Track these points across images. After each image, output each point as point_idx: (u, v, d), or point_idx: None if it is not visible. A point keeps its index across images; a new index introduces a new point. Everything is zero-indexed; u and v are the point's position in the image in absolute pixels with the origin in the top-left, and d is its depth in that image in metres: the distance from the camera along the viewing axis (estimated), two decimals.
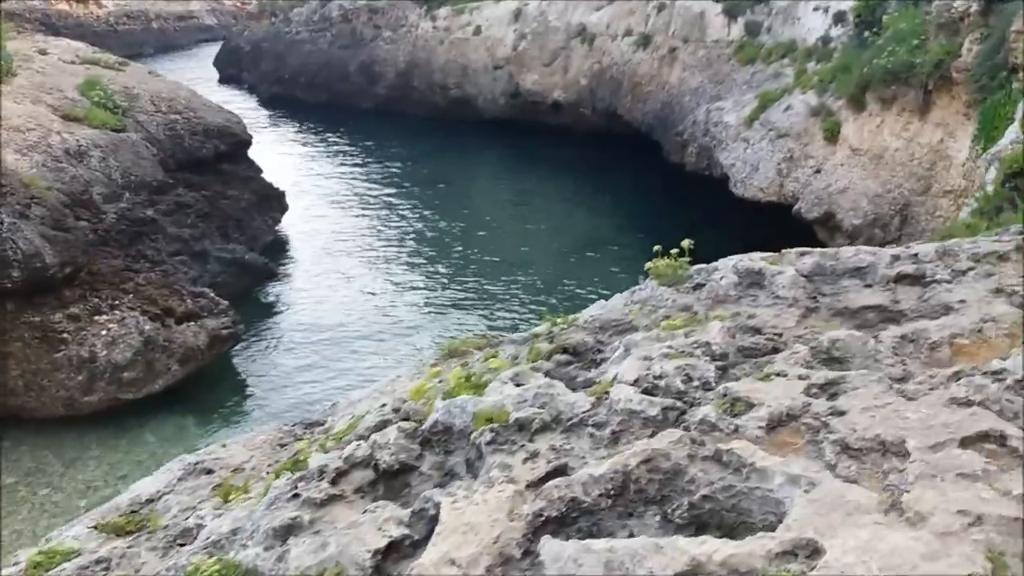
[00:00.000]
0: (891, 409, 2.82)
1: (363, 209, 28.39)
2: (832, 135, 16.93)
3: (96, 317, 15.19)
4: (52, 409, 14.71)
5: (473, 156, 34.52)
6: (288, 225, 26.11)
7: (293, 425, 4.22)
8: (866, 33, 16.73)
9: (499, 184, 31.33)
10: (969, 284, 4.57)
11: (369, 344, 18.47)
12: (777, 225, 18.87)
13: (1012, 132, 9.19)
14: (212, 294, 17.22)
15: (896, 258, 4.95)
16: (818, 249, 5.16)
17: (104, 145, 19.42)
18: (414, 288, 21.69)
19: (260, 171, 25.59)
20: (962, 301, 4.39)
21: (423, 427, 3.15)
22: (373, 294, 21.18)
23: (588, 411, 2.99)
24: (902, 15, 15.50)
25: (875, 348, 3.64)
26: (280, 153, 35.23)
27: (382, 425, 3.53)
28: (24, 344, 14.48)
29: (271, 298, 20.99)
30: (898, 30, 15.07)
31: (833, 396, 3.04)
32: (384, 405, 3.81)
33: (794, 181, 17.61)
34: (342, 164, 34.17)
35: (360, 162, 34.35)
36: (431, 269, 22.82)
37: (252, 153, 33.80)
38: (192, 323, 16.31)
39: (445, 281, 21.91)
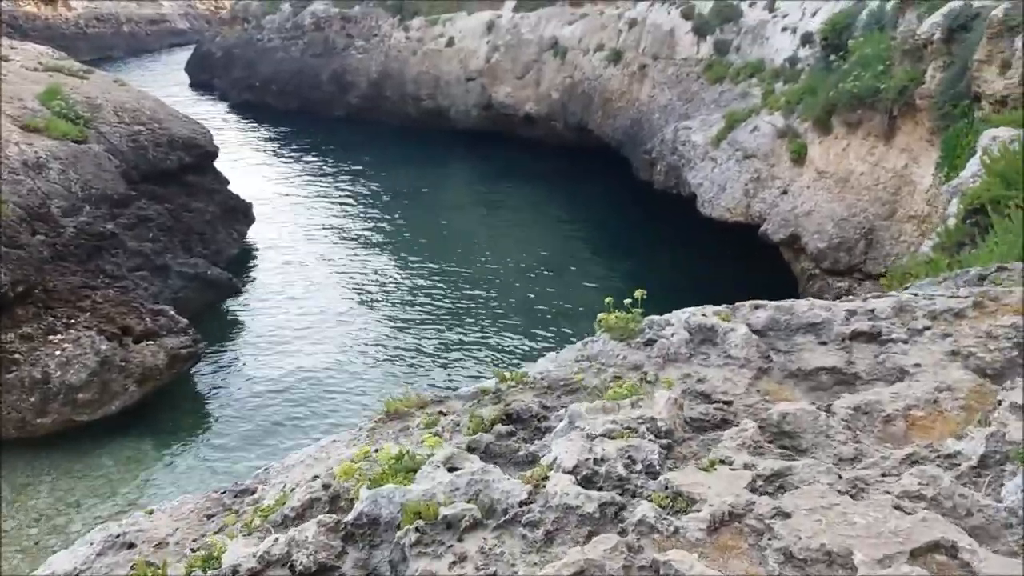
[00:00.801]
0: (838, 512, 2.69)
1: (332, 220, 28.11)
2: (799, 157, 16.98)
3: (50, 337, 14.80)
4: (4, 432, 14.26)
5: (445, 167, 34.35)
6: (256, 236, 25.78)
7: (223, 492, 4.01)
8: (832, 57, 16.82)
9: (470, 196, 31.18)
10: (925, 346, 4.47)
11: (333, 361, 18.23)
12: (745, 244, 18.92)
13: (973, 165, 9.19)
14: (172, 312, 16.86)
15: (852, 313, 4.84)
16: (772, 303, 5.05)
17: (64, 157, 19.01)
18: (381, 303, 21.46)
19: (227, 183, 25.23)
20: (917, 365, 4.29)
21: (347, 518, 2.97)
22: (340, 310, 20.94)
23: (523, 504, 2.83)
24: (868, 40, 15.59)
25: (827, 424, 3.52)
26: (250, 162, 34.86)
27: (309, 504, 3.34)
28: None
29: (235, 313, 20.66)
30: (863, 55, 15.14)
31: (780, 489, 2.90)
32: (316, 478, 3.62)
33: (761, 202, 17.63)
34: (312, 174, 33.84)
35: (331, 172, 34.04)
36: (400, 285, 22.60)
37: (221, 162, 33.38)
38: (151, 342, 15.96)
39: (413, 298, 21.70)
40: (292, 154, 37.25)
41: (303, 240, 26.13)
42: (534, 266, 23.33)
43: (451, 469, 3.05)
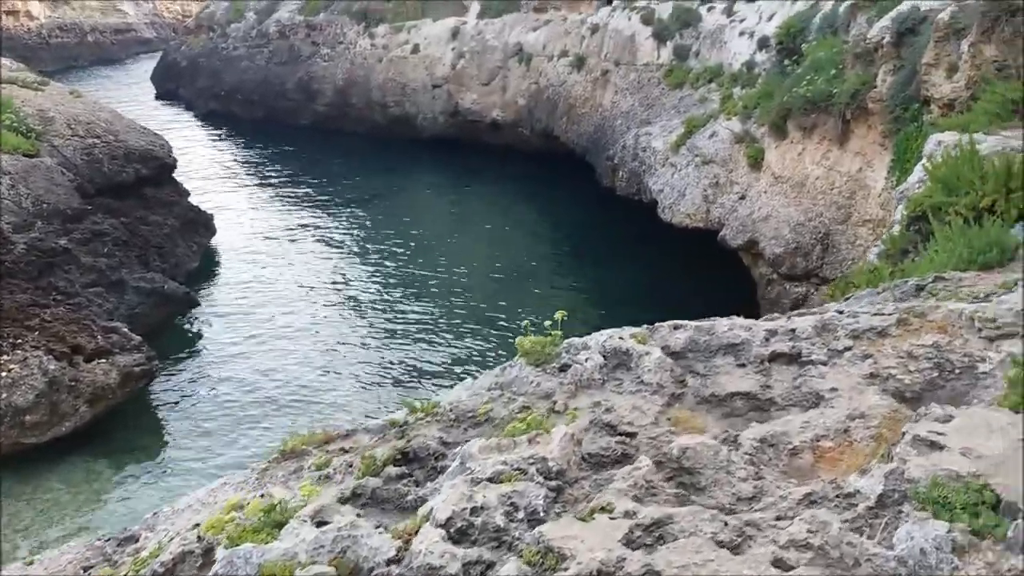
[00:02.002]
0: (712, 570, 2.53)
1: (297, 229, 27.78)
2: (756, 162, 16.95)
3: None
4: None
5: (411, 175, 34.11)
6: (219, 248, 25.43)
7: (107, 540, 3.80)
8: (786, 61, 16.81)
9: (436, 203, 30.97)
10: (844, 368, 4.35)
11: (292, 376, 17.93)
12: (707, 249, 18.84)
13: (919, 170, 9.13)
14: (125, 329, 16.51)
15: (772, 334, 4.72)
16: (693, 323, 4.91)
17: (14, 172, 18.62)
18: (343, 314, 21.19)
19: (187, 194, 24.88)
20: (834, 389, 4.16)
21: None
22: (301, 323, 20.62)
23: (390, 563, 2.65)
24: (821, 44, 15.59)
25: (728, 459, 3.37)
26: (215, 173, 34.46)
27: (181, 558, 3.14)
28: None
29: (194, 328, 20.29)
30: (816, 59, 15.14)
31: (659, 540, 2.74)
32: (196, 526, 3.42)
33: (720, 207, 17.59)
34: (278, 183, 33.48)
35: (297, 181, 33.70)
36: (363, 295, 22.32)
37: (185, 173, 33.00)
38: (102, 360, 15.61)
39: (376, 309, 21.47)
40: (258, 163, 36.86)
41: (267, 251, 25.80)
42: (497, 274, 23.18)
43: (319, 524, 2.87)
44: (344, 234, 27.06)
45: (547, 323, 5.00)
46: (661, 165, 19.61)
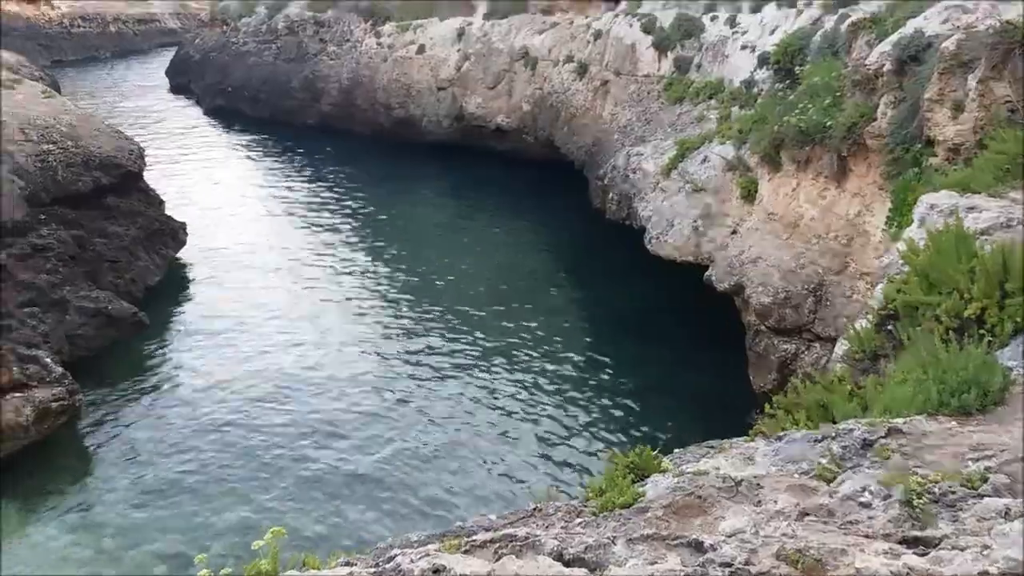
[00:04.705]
0: None
1: (282, 237, 26.34)
2: (749, 193, 15.09)
3: None
4: None
5: (412, 181, 32.60)
6: (192, 260, 24.04)
7: None
8: (778, 85, 14.89)
9: (436, 212, 29.37)
10: None
11: (247, 413, 16.23)
12: (700, 280, 16.97)
13: (901, 244, 7.26)
14: (47, 359, 15.16)
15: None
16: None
17: None
18: (315, 334, 19.45)
19: (159, 203, 23.58)
20: None
21: None
22: (269, 346, 18.96)
23: None
24: (818, 67, 13.65)
25: None
26: (209, 174, 33.22)
27: None
28: None
29: (142, 353, 18.80)
30: (812, 84, 13.23)
31: None
32: None
33: (710, 242, 15.74)
34: (272, 186, 32.18)
35: (292, 185, 32.38)
36: (338, 315, 20.63)
37: (178, 175, 31.88)
38: (17, 394, 14.26)
39: (364, 329, 19.79)
40: (256, 164, 35.64)
41: (245, 260, 24.32)
42: (485, 289, 21.63)
43: None
44: (329, 248, 25.47)
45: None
46: (651, 189, 17.79)
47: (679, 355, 17.38)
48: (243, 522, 13.07)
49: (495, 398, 16.69)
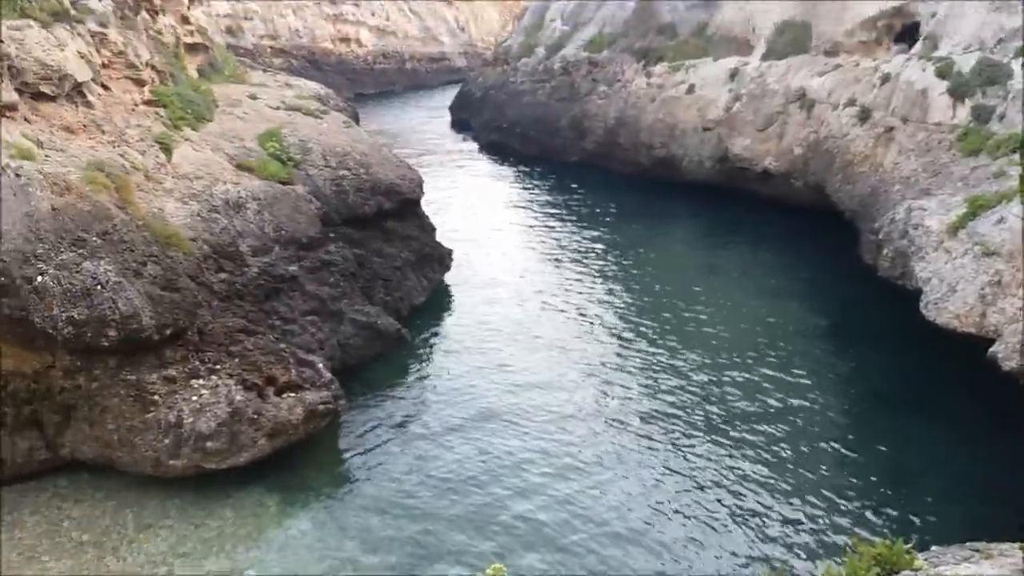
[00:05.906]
0: None
1: (538, 270, 27.14)
2: None
3: (192, 381, 15.15)
4: (142, 467, 14.78)
5: (668, 221, 32.34)
6: (455, 285, 25.54)
7: None
8: None
9: (688, 255, 28.88)
10: None
11: (492, 441, 16.80)
12: (980, 356, 15.09)
13: None
14: (320, 364, 16.70)
15: None
16: None
17: (263, 198, 19.67)
18: (568, 375, 19.69)
19: (431, 229, 25.28)
20: None
21: None
22: (518, 373, 19.61)
23: None
24: None
25: None
26: (472, 205, 35.19)
27: None
28: (120, 400, 14.70)
29: (403, 367, 20.22)
30: None
31: None
32: None
33: (999, 313, 13.92)
34: (532, 222, 33.37)
35: (549, 221, 33.37)
36: (592, 348, 20.88)
37: (445, 204, 34.05)
38: (291, 394, 15.81)
39: (610, 366, 19.91)
40: (519, 199, 37.19)
41: (503, 289, 25.42)
42: (738, 341, 20.74)
43: None
44: (585, 284, 25.89)
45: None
46: (933, 248, 16.14)
47: (951, 437, 15.53)
48: (466, 548, 13.43)
49: (733, 460, 15.88)
